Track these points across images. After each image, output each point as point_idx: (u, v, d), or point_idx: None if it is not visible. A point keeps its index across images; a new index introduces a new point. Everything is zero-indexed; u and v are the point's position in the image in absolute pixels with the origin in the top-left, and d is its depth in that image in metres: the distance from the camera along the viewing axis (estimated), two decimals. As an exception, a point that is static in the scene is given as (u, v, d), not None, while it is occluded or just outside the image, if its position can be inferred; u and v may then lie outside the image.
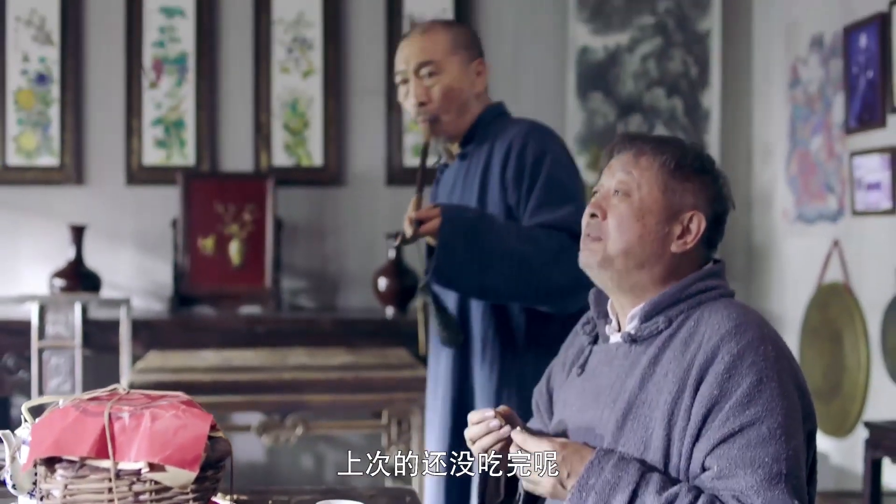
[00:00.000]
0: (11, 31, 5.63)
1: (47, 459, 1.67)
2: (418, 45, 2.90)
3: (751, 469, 1.78)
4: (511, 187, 2.82)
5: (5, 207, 5.62)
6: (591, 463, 1.88)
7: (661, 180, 1.98)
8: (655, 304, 1.98)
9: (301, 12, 5.73)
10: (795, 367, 1.91)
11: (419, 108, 2.89)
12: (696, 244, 1.98)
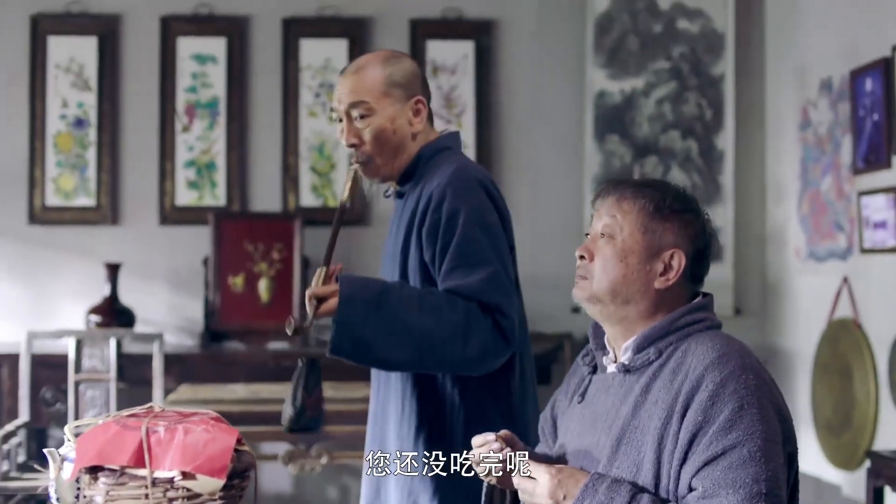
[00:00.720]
0: (52, 77, 5.87)
1: (91, 468, 1.85)
2: (351, 84, 2.74)
3: (733, 489, 1.93)
4: (426, 244, 2.68)
5: (44, 246, 5.84)
6: (585, 486, 2.04)
7: (641, 222, 2.13)
8: (646, 336, 2.13)
9: (328, 59, 5.94)
10: (776, 394, 2.06)
11: (352, 149, 2.76)
12: (679, 279, 2.14)
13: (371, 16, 5.98)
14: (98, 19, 5.91)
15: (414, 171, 2.77)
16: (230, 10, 5.96)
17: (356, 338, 2.56)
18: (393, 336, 2.56)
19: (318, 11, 5.95)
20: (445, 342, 2.57)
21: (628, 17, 5.88)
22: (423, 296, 2.60)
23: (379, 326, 2.55)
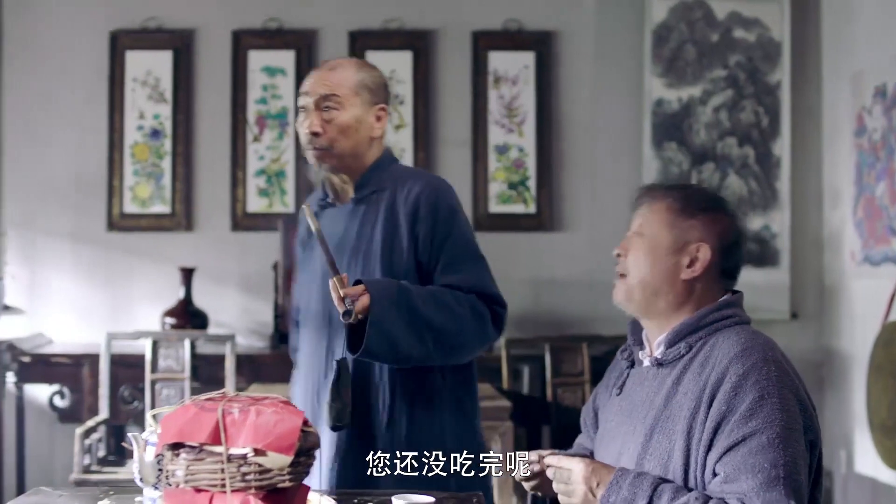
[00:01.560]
0: (129, 90, 6.09)
1: (173, 445, 2.04)
2: (325, 78, 2.91)
3: (752, 473, 2.09)
4: (423, 244, 2.86)
5: (122, 252, 6.06)
6: (610, 483, 2.21)
7: (668, 218, 2.33)
8: (677, 331, 2.30)
9: (393, 70, 6.10)
10: (798, 386, 2.20)
11: (312, 138, 2.89)
12: (708, 274, 2.30)
13: (434, 28, 6.14)
14: (173, 34, 6.12)
15: (370, 177, 2.94)
16: (299, 24, 6.14)
17: (385, 334, 2.73)
18: (413, 332, 2.75)
19: (383, 24, 6.12)
20: (457, 334, 2.80)
21: (686, 26, 6.00)
22: (432, 293, 2.80)
23: (402, 323, 2.73)
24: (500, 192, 6.07)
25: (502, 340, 5.54)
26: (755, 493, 2.07)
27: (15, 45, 6.11)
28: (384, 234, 2.90)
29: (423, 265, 2.89)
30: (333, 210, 3.01)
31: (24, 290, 6.06)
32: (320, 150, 2.90)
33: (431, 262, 2.88)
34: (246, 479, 1.99)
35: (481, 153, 6.10)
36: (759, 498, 2.07)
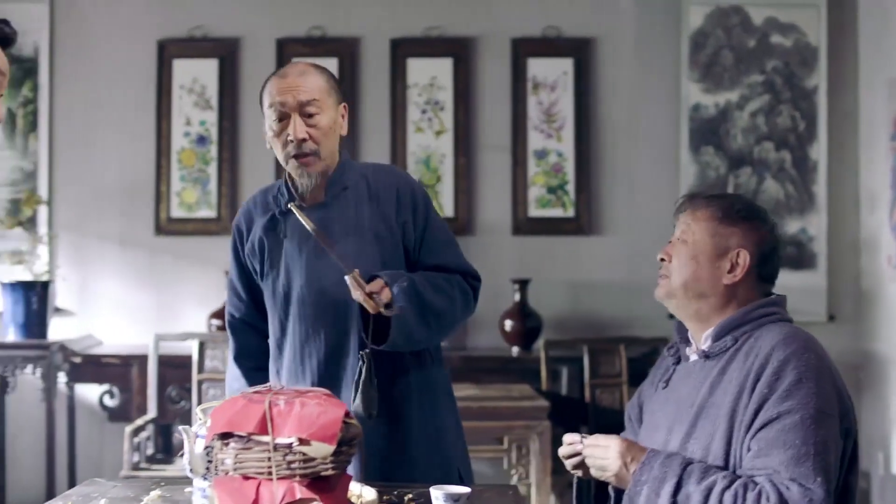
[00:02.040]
0: (176, 98, 6.21)
1: (222, 435, 2.15)
2: (301, 84, 2.92)
3: (783, 448, 2.19)
4: (410, 230, 2.98)
5: (169, 255, 6.19)
6: (642, 463, 2.34)
7: (710, 226, 2.46)
8: (724, 325, 2.42)
9: (434, 77, 6.21)
10: (836, 377, 2.31)
11: (300, 144, 2.90)
12: (748, 277, 2.42)
13: (475, 35, 6.21)
14: (218, 43, 6.24)
15: (339, 176, 3.00)
16: (341, 32, 6.24)
17: (403, 324, 2.83)
18: (421, 318, 2.87)
19: (425, 32, 6.22)
20: (452, 315, 2.96)
21: (723, 32, 6.07)
22: (428, 278, 2.92)
23: (413, 312, 2.84)
24: (539, 197, 6.15)
25: (541, 342, 5.63)
26: (784, 467, 2.18)
27: (66, 54, 6.25)
28: (372, 225, 2.99)
29: (409, 251, 3.00)
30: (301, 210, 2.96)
31: (75, 292, 6.19)
32: (309, 156, 2.92)
33: (415, 247, 3.00)
34: (291, 467, 2.10)
35: (521, 158, 6.18)
36: (788, 472, 2.17)
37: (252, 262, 3.11)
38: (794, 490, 2.16)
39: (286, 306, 3.03)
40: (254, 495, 2.08)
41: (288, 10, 6.26)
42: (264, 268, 3.07)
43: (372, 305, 2.76)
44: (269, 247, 3.06)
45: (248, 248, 3.11)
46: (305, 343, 3.00)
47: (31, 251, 5.88)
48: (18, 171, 6.20)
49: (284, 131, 2.91)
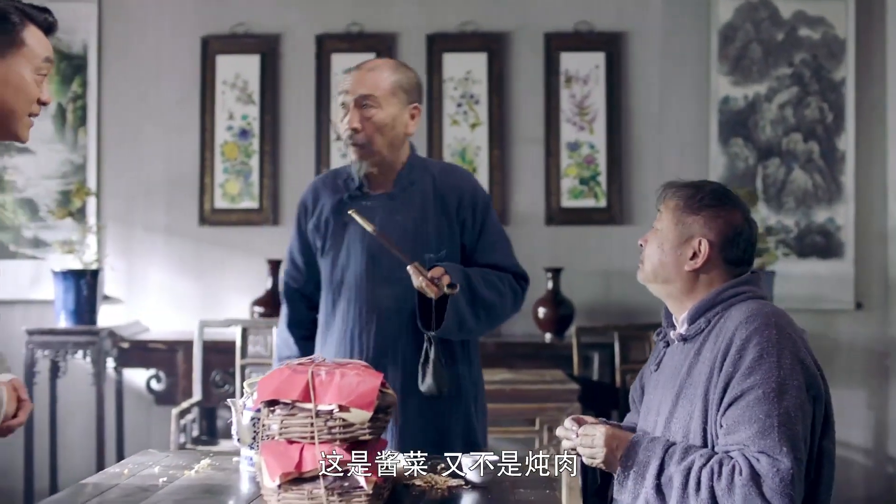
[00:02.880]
0: (219, 93, 6.39)
1: (269, 402, 2.33)
2: (364, 79, 3.17)
3: (749, 424, 2.34)
4: (468, 229, 3.24)
5: (213, 245, 6.37)
6: (626, 449, 2.50)
7: (675, 216, 2.60)
8: (697, 308, 2.58)
9: (469, 71, 6.35)
10: (800, 347, 2.44)
11: (352, 134, 3.16)
12: (711, 263, 2.56)
13: (508, 30, 6.35)
14: (260, 39, 6.41)
15: (407, 172, 3.27)
16: (379, 28, 6.39)
17: (457, 311, 3.08)
18: (472, 309, 3.12)
19: (460, 27, 6.36)
20: (501, 309, 3.22)
21: (751, 26, 6.19)
22: (482, 274, 3.17)
23: (466, 302, 3.09)
24: (571, 188, 6.29)
25: (573, 329, 5.77)
26: (751, 441, 2.33)
27: (113, 51, 6.43)
28: (436, 221, 3.25)
29: (466, 248, 3.26)
30: (369, 198, 3.27)
31: (123, 280, 6.38)
32: (359, 147, 3.18)
33: (473, 245, 3.26)
34: (332, 431, 2.27)
35: (554, 150, 6.32)
36: (755, 445, 2.32)
37: (314, 239, 3.34)
38: (763, 461, 2.30)
39: (340, 286, 3.26)
40: (297, 458, 2.26)
41: (327, 7, 6.41)
42: (325, 246, 3.31)
43: (434, 290, 2.99)
44: (333, 228, 3.30)
45: (312, 225, 3.34)
46: (357, 323, 3.22)
47: (81, 241, 6.05)
48: (68, 164, 6.40)
49: (344, 119, 3.17)
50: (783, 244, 6.07)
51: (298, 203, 3.43)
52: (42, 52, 2.44)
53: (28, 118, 2.45)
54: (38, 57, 2.43)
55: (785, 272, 5.89)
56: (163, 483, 2.61)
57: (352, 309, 3.24)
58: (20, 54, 2.40)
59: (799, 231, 6.12)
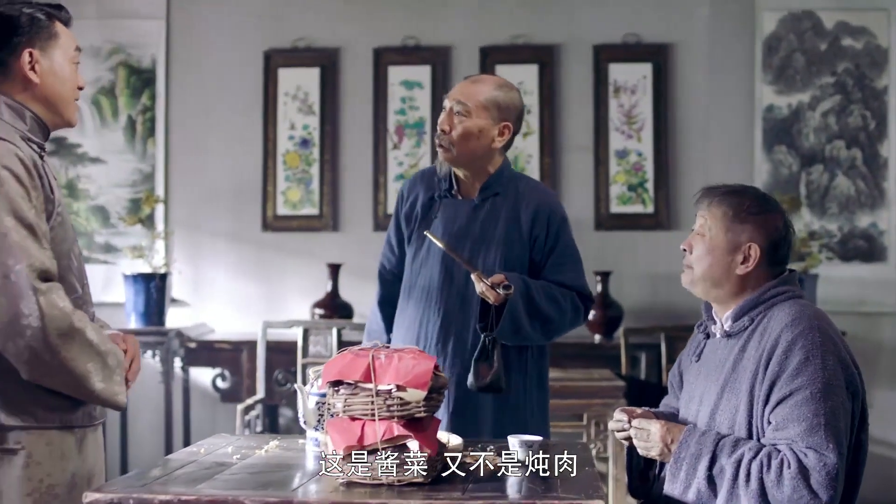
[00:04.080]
0: (281, 104, 6.62)
1: (334, 383, 2.57)
2: (466, 88, 3.46)
3: (797, 422, 2.54)
4: (539, 246, 3.45)
5: (275, 250, 6.61)
6: (680, 442, 2.70)
7: (724, 224, 2.77)
8: (742, 307, 2.78)
9: (521, 82, 6.45)
10: (841, 349, 2.64)
11: (441, 134, 3.44)
12: (759, 266, 2.76)
13: (559, 43, 6.54)
14: (320, 52, 6.64)
15: (494, 182, 3.51)
16: (434, 41, 6.60)
17: (513, 317, 3.32)
18: (529, 317, 3.35)
19: (511, 40, 6.56)
20: (559, 323, 3.42)
21: (795, 36, 6.35)
22: (544, 287, 3.39)
23: (523, 310, 3.33)
24: (620, 194, 6.48)
25: (621, 330, 5.96)
26: (800, 438, 2.52)
27: (180, 65, 6.71)
28: (506, 232, 3.48)
29: (535, 262, 3.48)
30: (454, 201, 3.55)
31: (189, 284, 6.65)
32: (443, 148, 3.45)
33: (542, 261, 3.47)
34: (390, 409, 2.50)
35: (603, 158, 6.51)
36: (804, 441, 2.52)
37: (404, 226, 3.63)
38: (811, 456, 2.50)
39: (417, 277, 3.54)
40: (359, 432, 2.49)
41: (384, 22, 6.62)
42: (412, 235, 3.59)
43: (494, 296, 3.24)
44: (420, 222, 3.57)
45: (405, 213, 3.63)
46: (426, 311, 3.50)
47: (150, 246, 6.34)
48: (138, 172, 6.68)
49: (441, 118, 3.46)
50: (826, 248, 6.23)
51: (399, 192, 3.72)
52: (72, 42, 2.79)
53: (74, 102, 2.81)
54: (70, 47, 2.78)
55: (828, 275, 6.05)
56: (236, 459, 2.85)
57: (423, 300, 3.51)
58: (57, 46, 2.74)
59: (842, 235, 6.27)
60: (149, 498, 2.35)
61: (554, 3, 6.58)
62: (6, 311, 2.45)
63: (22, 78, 2.70)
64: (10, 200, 2.50)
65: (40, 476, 2.57)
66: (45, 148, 2.77)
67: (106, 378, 2.61)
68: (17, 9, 2.72)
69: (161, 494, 2.37)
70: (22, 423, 2.56)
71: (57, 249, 2.63)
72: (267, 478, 2.62)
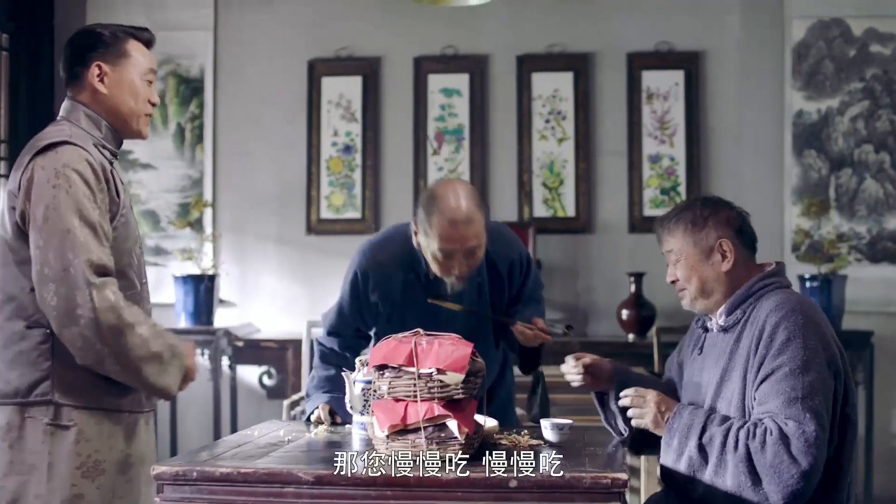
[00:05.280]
0: (325, 112, 6.84)
1: (379, 367, 2.78)
2: (467, 233, 3.28)
3: (777, 395, 2.74)
4: (516, 284, 3.65)
5: (319, 252, 6.81)
6: (674, 413, 2.90)
7: (689, 238, 2.99)
8: (732, 302, 2.98)
9: (556, 89, 6.72)
10: (822, 330, 2.83)
11: (462, 278, 3.38)
12: (738, 257, 2.96)
13: (593, 51, 6.72)
14: (362, 61, 6.85)
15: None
16: (472, 50, 6.80)
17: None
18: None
19: (547, 49, 6.74)
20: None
21: (824, 43, 6.50)
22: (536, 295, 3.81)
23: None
24: (653, 197, 6.65)
25: (654, 329, 6.13)
26: (780, 410, 2.72)
27: (227, 74, 6.94)
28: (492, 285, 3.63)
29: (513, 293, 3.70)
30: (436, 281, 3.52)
31: (236, 285, 6.87)
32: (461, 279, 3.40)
33: (519, 291, 3.70)
34: (431, 391, 2.72)
35: (636, 162, 6.69)
36: (783, 413, 2.71)
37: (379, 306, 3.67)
38: (791, 425, 2.69)
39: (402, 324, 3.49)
40: (403, 412, 2.71)
41: (424, 31, 6.81)
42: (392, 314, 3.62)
43: (549, 338, 3.54)
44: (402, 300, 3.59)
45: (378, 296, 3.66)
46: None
47: (199, 249, 6.57)
48: (187, 178, 6.93)
49: (448, 263, 3.33)
50: (855, 250, 6.36)
51: (357, 271, 3.74)
52: (146, 63, 3.04)
53: (145, 116, 3.05)
54: (143, 65, 3.03)
55: (857, 276, 6.18)
56: (288, 440, 3.07)
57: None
58: (129, 63, 2.99)
59: (871, 237, 6.41)
60: (210, 470, 2.58)
61: (588, 13, 6.76)
62: (64, 301, 2.70)
63: (91, 89, 2.97)
64: (77, 201, 2.75)
65: (88, 452, 2.81)
66: (117, 155, 3.02)
67: (157, 368, 2.85)
68: (95, 28, 3.02)
69: (221, 468, 2.59)
70: (75, 402, 2.80)
71: (119, 248, 2.88)
72: (318, 455, 2.83)
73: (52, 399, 2.78)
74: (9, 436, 2.80)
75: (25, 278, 2.78)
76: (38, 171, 2.78)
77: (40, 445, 2.78)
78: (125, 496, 2.88)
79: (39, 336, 2.80)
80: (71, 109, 2.98)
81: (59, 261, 2.70)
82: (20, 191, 2.80)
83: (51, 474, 2.77)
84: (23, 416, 2.79)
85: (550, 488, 2.50)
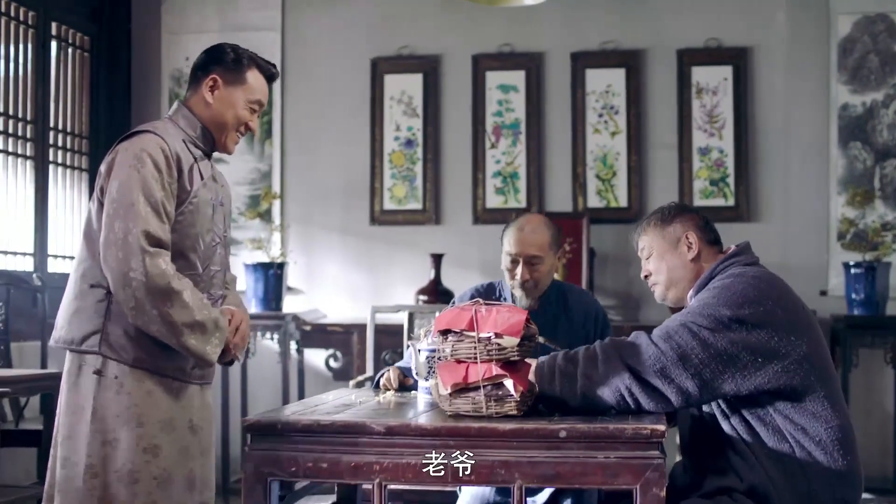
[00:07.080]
0: (387, 108, 7.12)
1: (443, 331, 3.07)
2: (531, 240, 3.94)
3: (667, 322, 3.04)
4: (591, 336, 3.89)
5: (382, 242, 7.09)
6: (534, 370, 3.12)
7: (658, 233, 3.28)
8: (699, 283, 3.21)
9: (609, 84, 6.96)
10: (783, 296, 3.03)
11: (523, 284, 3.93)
12: (701, 247, 3.22)
13: (644, 48, 6.95)
14: (423, 59, 7.12)
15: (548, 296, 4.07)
16: (528, 48, 7.04)
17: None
18: None
19: (600, 46, 6.97)
20: None
21: (869, 38, 6.69)
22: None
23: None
24: (703, 188, 6.86)
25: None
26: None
27: (294, 74, 7.23)
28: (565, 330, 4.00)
29: None
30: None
31: (303, 273, 7.16)
32: (526, 290, 3.93)
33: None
34: (489, 353, 2.99)
35: (686, 154, 6.90)
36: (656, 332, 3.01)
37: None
38: (641, 338, 3.05)
39: None
40: (464, 373, 2.98)
41: (481, 30, 7.05)
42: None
43: None
44: None
45: None
46: None
47: (268, 238, 6.88)
48: (256, 171, 7.24)
49: (514, 270, 3.95)
50: (899, 238, 6.57)
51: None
52: (258, 94, 3.35)
53: (235, 134, 3.36)
54: (254, 94, 3.34)
55: (901, 263, 6.39)
56: (359, 403, 3.38)
57: None
58: (241, 88, 3.32)
59: (914, 226, 6.61)
60: (294, 421, 2.89)
61: (640, 11, 6.97)
62: (121, 265, 3.04)
63: (201, 96, 3.31)
64: (144, 179, 3.09)
65: (127, 403, 3.13)
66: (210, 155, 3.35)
67: (199, 336, 3.14)
68: (227, 46, 3.34)
69: (303, 420, 2.90)
70: (118, 358, 3.13)
71: (184, 231, 3.21)
72: (387, 413, 3.14)
73: (98, 351, 3.13)
74: (69, 379, 3.17)
75: (97, 244, 3.13)
76: (122, 152, 3.15)
77: (89, 391, 3.12)
78: (170, 455, 3.18)
79: (99, 295, 3.15)
80: (176, 109, 3.34)
81: (121, 229, 3.04)
82: (105, 168, 3.17)
83: (94, 417, 3.10)
84: (80, 363, 3.15)
85: (596, 438, 2.76)
